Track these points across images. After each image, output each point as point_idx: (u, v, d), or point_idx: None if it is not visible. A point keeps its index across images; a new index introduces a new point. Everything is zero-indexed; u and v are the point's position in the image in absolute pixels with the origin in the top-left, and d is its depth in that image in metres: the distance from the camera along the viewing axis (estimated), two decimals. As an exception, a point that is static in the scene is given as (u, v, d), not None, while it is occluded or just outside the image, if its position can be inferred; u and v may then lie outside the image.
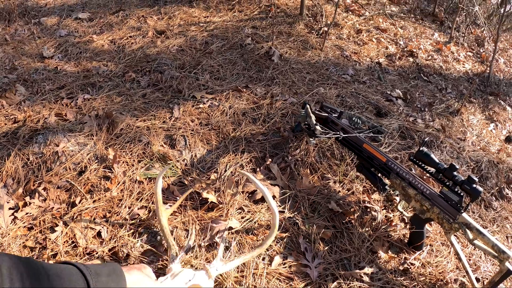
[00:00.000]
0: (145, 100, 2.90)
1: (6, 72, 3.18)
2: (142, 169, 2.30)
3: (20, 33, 3.99)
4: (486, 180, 2.81)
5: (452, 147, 2.96)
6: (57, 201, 2.10)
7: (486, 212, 2.58)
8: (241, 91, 3.09)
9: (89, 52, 3.63)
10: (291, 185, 2.34)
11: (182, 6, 4.68)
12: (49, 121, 2.57)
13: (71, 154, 2.34)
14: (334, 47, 4.19)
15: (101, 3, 4.82)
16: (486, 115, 3.87)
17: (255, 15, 4.49)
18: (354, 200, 2.32)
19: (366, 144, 2.24)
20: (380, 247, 2.07)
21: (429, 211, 1.99)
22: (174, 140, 2.52)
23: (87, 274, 0.78)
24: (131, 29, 4.11)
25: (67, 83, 3.07)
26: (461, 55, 5.02)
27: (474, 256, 2.20)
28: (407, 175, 2.07)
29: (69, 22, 4.28)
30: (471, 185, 1.83)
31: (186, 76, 3.24)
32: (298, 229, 2.09)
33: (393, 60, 4.28)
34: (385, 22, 5.17)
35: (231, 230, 2.00)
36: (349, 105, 3.17)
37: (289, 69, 3.55)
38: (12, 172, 2.22)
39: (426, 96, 3.77)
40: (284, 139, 2.64)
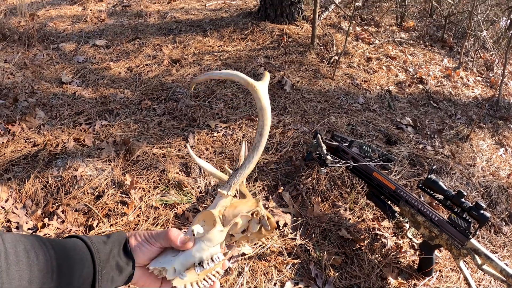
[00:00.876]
0: (161, 127, 2.98)
1: (25, 96, 3.29)
2: (158, 195, 2.37)
3: (39, 58, 4.12)
4: (496, 205, 2.82)
5: (462, 173, 2.99)
6: (75, 224, 2.16)
7: (496, 237, 2.59)
8: (254, 120, 3.16)
9: (106, 79, 3.74)
10: (303, 212, 2.39)
11: (196, 35, 4.81)
12: (68, 146, 2.66)
13: (89, 178, 2.41)
14: (345, 76, 4.26)
15: (118, 30, 4.96)
16: (495, 140, 3.89)
17: (267, 45, 4.60)
18: (364, 227, 2.36)
19: (375, 173, 2.29)
20: (390, 274, 2.10)
21: (438, 237, 2.02)
22: (189, 167, 2.59)
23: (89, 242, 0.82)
24: (147, 57, 4.23)
25: (85, 109, 3.17)
26: (470, 80, 5.05)
27: (484, 281, 2.21)
28: (416, 202, 2.11)
29: (86, 49, 4.42)
30: (479, 211, 1.87)
31: (200, 105, 3.33)
32: (309, 255, 2.13)
33: (402, 87, 4.34)
34: (394, 49, 5.25)
35: (244, 256, 2.05)
36: (360, 134, 3.22)
37: (301, 98, 3.63)
38: (32, 194, 2.30)
39: (436, 122, 3.81)
40: (296, 167, 2.70)
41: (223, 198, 0.95)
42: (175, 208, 2.30)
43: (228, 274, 1.95)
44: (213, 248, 0.89)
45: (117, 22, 5.30)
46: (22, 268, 0.67)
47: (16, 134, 2.76)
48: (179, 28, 5.06)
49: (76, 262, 0.77)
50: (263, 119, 0.96)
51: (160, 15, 5.60)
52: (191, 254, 0.88)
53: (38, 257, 0.71)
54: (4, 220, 2.13)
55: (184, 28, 5.06)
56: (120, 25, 5.17)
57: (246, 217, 0.95)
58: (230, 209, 0.96)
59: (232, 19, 5.32)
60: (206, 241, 0.89)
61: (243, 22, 5.14)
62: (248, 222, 0.97)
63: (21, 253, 0.69)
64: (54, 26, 5.04)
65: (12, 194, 2.30)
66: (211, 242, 0.89)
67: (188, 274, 0.86)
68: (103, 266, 0.81)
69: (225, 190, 0.96)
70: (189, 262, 0.88)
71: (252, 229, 0.97)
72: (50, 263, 0.72)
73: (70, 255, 0.77)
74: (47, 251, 0.73)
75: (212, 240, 0.89)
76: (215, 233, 0.90)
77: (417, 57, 5.24)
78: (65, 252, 0.77)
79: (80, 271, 0.77)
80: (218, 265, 0.90)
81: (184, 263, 0.87)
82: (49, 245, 0.75)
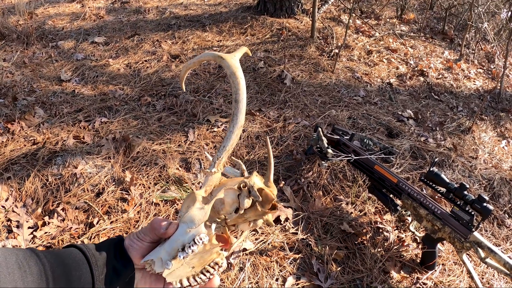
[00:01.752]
0: (160, 123, 2.97)
1: (25, 94, 3.28)
2: (158, 191, 2.36)
3: (38, 56, 4.11)
4: (499, 198, 2.81)
5: (464, 166, 2.97)
6: (75, 222, 2.15)
7: (499, 230, 2.57)
8: (254, 115, 3.15)
9: (106, 76, 3.72)
10: (304, 207, 2.38)
11: (195, 30, 4.79)
12: (67, 144, 2.65)
13: (89, 176, 2.40)
14: (345, 69, 4.24)
15: (117, 27, 4.94)
16: (497, 132, 3.86)
17: (267, 39, 4.58)
18: (366, 221, 2.35)
19: (377, 166, 2.28)
20: (393, 267, 2.09)
21: (440, 230, 2.01)
22: (190, 163, 2.58)
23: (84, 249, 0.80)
24: (146, 53, 4.21)
25: (84, 106, 3.15)
26: (471, 72, 5.03)
27: (487, 274, 2.20)
28: (418, 196, 2.10)
29: (85, 46, 4.40)
30: (482, 203, 1.85)
31: (200, 100, 3.31)
32: (311, 250, 2.12)
33: (403, 80, 4.32)
34: (395, 42, 5.22)
35: (245, 252, 2.04)
36: (361, 127, 3.21)
37: (301, 92, 3.61)
38: (32, 192, 2.29)
39: (437, 115, 3.79)
40: (297, 161, 2.68)
41: (209, 176, 0.88)
42: (176, 204, 2.29)
43: (229, 270, 1.94)
44: (196, 229, 0.80)
45: (116, 19, 5.28)
46: (16, 279, 0.66)
47: (15, 132, 2.75)
48: (178, 24, 5.04)
49: (72, 269, 0.75)
50: (235, 85, 0.90)
51: (159, 11, 5.58)
52: (175, 239, 0.80)
53: (31, 268, 0.69)
54: (5, 219, 2.12)
55: (183, 24, 5.04)
56: (118, 22, 5.14)
57: (233, 191, 0.85)
58: (219, 187, 0.88)
59: (231, 13, 5.30)
60: (189, 223, 0.80)
61: (242, 16, 5.12)
62: (238, 198, 0.86)
63: (13, 265, 0.67)
64: (53, 24, 5.02)
65: (12, 193, 2.29)
66: (193, 223, 0.80)
67: (173, 262, 0.78)
68: (101, 271, 0.78)
69: (210, 168, 0.88)
70: (173, 248, 0.79)
71: (243, 205, 0.85)
72: (45, 273, 0.70)
73: (65, 263, 0.75)
74: (40, 261, 0.71)
75: (194, 219, 0.81)
76: (194, 211, 0.81)
77: (417, 49, 5.21)
78: (60, 261, 0.75)
79: (77, 278, 0.75)
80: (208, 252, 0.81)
81: (170, 251, 0.79)
82: (42, 255, 0.73)
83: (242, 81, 0.90)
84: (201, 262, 0.81)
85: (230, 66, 0.90)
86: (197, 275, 0.81)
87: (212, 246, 0.81)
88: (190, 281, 0.80)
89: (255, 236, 2.14)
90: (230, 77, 0.90)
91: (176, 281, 0.80)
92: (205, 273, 0.81)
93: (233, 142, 0.90)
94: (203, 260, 0.81)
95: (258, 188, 0.86)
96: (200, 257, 0.81)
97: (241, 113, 0.90)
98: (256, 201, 0.85)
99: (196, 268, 0.81)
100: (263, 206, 0.86)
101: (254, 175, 0.89)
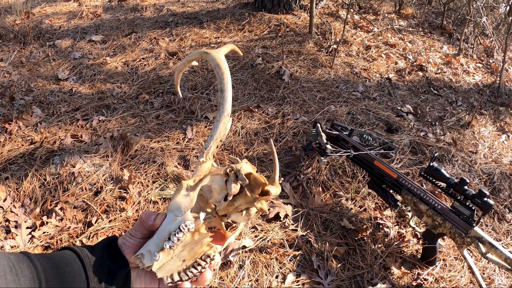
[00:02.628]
0: (158, 121, 2.96)
1: (22, 94, 3.27)
2: (157, 189, 2.35)
3: (35, 56, 4.09)
4: (499, 192, 2.80)
5: (464, 161, 2.96)
6: (74, 221, 2.15)
7: (500, 225, 2.56)
8: (252, 111, 3.13)
9: (103, 74, 3.71)
10: (304, 203, 2.37)
11: (193, 27, 4.77)
12: (65, 143, 2.64)
13: (87, 175, 2.39)
14: (344, 64, 4.23)
15: (114, 25, 4.92)
16: (497, 127, 3.85)
17: (265, 35, 4.56)
18: (366, 217, 2.34)
19: (377, 161, 2.26)
20: (393, 263, 2.08)
21: (441, 226, 2.00)
22: (188, 161, 2.57)
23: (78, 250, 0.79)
24: (144, 51, 4.19)
25: (82, 105, 3.14)
26: (470, 66, 5.01)
27: (488, 269, 2.19)
28: (418, 191, 2.08)
29: (83, 45, 4.38)
30: (482, 198, 1.84)
31: (198, 97, 3.30)
32: (311, 247, 2.11)
33: (402, 75, 4.30)
34: (393, 37, 5.20)
35: (245, 249, 2.03)
36: (360, 122, 3.19)
37: (300, 88, 3.60)
38: (30, 192, 2.28)
39: (437, 110, 3.78)
40: (296, 158, 2.67)
41: (199, 166, 0.85)
42: (175, 202, 2.27)
43: (229, 267, 1.93)
44: (182, 217, 0.77)
45: (113, 17, 5.26)
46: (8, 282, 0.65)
47: (13, 132, 2.74)
48: (176, 21, 5.02)
49: (65, 271, 0.74)
50: (219, 75, 0.88)
51: (156, 8, 5.56)
52: (162, 229, 0.78)
53: (23, 271, 0.68)
54: (3, 219, 2.11)
55: (181, 21, 5.02)
56: (116, 20, 5.13)
57: (220, 177, 0.83)
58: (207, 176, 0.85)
59: (228, 10, 5.28)
60: (175, 211, 0.77)
61: (240, 13, 5.10)
62: (226, 184, 0.85)
63: (5, 269, 0.66)
64: (50, 23, 5.00)
65: (10, 193, 2.28)
66: (179, 211, 0.77)
67: (161, 254, 0.75)
68: (95, 272, 0.77)
69: (199, 158, 0.86)
70: (161, 239, 0.77)
71: (231, 190, 0.81)
72: (37, 276, 0.69)
73: (58, 266, 0.74)
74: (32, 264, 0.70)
75: (180, 207, 0.78)
76: (180, 198, 0.78)
77: (416, 44, 5.20)
78: (52, 264, 0.74)
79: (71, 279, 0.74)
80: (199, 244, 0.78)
81: (158, 242, 0.77)
82: (35, 258, 0.72)
83: (226, 71, 0.89)
84: (191, 254, 0.78)
85: (214, 58, 0.90)
86: (188, 269, 0.78)
87: (201, 236, 0.78)
88: (181, 276, 0.77)
89: (254, 233, 2.13)
90: (215, 69, 0.90)
91: (166, 276, 0.77)
92: (196, 267, 0.78)
93: (220, 131, 0.87)
94: (194, 253, 0.78)
95: (246, 173, 0.84)
96: (190, 249, 0.78)
97: (226, 102, 0.87)
98: (244, 186, 0.82)
99: (187, 262, 0.78)
100: (252, 191, 0.82)
101: (243, 161, 0.87)
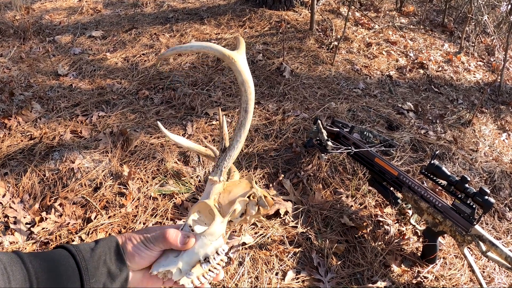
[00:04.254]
0: (158, 117, 2.95)
1: (22, 89, 3.26)
2: (156, 185, 2.34)
3: (35, 51, 4.08)
4: (499, 191, 2.79)
5: (465, 159, 2.96)
6: (73, 217, 2.14)
7: (500, 223, 2.56)
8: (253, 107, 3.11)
9: (103, 70, 3.70)
10: (304, 200, 2.36)
11: (193, 23, 4.75)
12: (64, 138, 2.63)
13: (87, 170, 2.38)
14: (345, 61, 4.21)
15: (114, 21, 4.91)
16: (498, 125, 3.85)
17: (265, 31, 4.54)
18: (367, 214, 2.33)
19: (377, 158, 2.26)
20: (393, 261, 2.08)
21: (441, 224, 2.00)
22: (188, 157, 2.56)
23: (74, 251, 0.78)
24: (144, 47, 4.18)
25: (81, 100, 3.13)
26: (471, 65, 5.01)
27: (488, 268, 2.19)
28: (419, 189, 2.08)
29: (83, 40, 4.37)
30: (483, 197, 1.84)
31: (198, 93, 3.29)
32: (311, 244, 2.10)
33: (403, 72, 4.29)
34: (394, 34, 5.19)
35: (245, 246, 2.02)
36: (361, 119, 3.18)
37: (300, 84, 3.58)
38: (29, 188, 2.27)
39: (437, 107, 3.77)
40: (296, 154, 2.66)
41: (215, 185, 0.90)
42: (174, 198, 2.27)
43: (229, 264, 1.93)
44: (217, 242, 0.86)
45: (113, 13, 5.24)
46: None
47: (12, 128, 2.72)
48: (176, 17, 5.00)
49: (59, 274, 0.72)
50: (246, 94, 0.88)
51: (156, 4, 5.54)
52: (195, 251, 0.84)
53: (15, 274, 0.67)
54: (2, 215, 2.11)
55: (181, 17, 5.01)
56: (116, 16, 5.11)
57: (244, 201, 0.90)
58: (225, 194, 0.91)
59: (229, 6, 5.26)
60: (208, 236, 0.85)
61: (240, 9, 5.08)
62: (246, 205, 0.91)
63: None
64: (50, 19, 4.98)
65: (9, 188, 2.27)
66: (213, 236, 0.85)
67: (194, 271, 0.83)
68: (92, 274, 0.76)
69: (216, 176, 0.90)
70: (193, 260, 0.84)
71: (251, 212, 0.92)
72: (29, 280, 0.68)
73: (52, 268, 0.72)
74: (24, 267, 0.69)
75: (214, 233, 0.85)
76: (216, 227, 0.85)
77: (417, 42, 5.18)
78: (46, 265, 0.72)
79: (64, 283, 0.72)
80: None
81: (189, 262, 0.84)
82: (28, 260, 0.70)
83: (253, 90, 0.88)
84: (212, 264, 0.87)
85: (243, 73, 0.87)
86: (206, 273, 0.85)
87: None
88: (200, 279, 0.84)
89: (254, 230, 2.12)
90: (242, 85, 0.87)
91: (188, 282, 0.83)
92: (213, 270, 0.86)
93: (238, 151, 0.91)
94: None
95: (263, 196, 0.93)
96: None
97: (248, 123, 0.89)
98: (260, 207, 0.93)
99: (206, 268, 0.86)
100: (265, 210, 0.93)
101: (253, 182, 0.93)
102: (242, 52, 0.89)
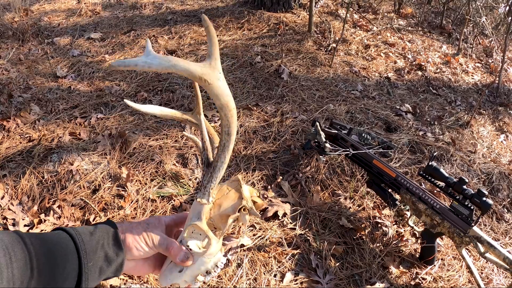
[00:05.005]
0: (157, 119, 2.95)
1: (20, 91, 3.25)
2: (155, 187, 2.34)
3: (33, 53, 4.08)
4: (498, 192, 2.80)
5: (463, 160, 2.96)
6: (72, 219, 2.14)
7: (498, 225, 2.57)
8: (251, 109, 3.12)
9: (102, 72, 3.70)
10: (302, 202, 2.37)
11: (192, 25, 4.75)
12: (63, 140, 2.63)
13: (85, 172, 2.38)
14: (343, 63, 4.22)
15: (113, 23, 4.91)
16: (496, 126, 3.86)
17: (264, 33, 4.55)
18: (365, 216, 2.33)
19: (375, 160, 2.26)
20: (391, 262, 2.08)
21: (439, 225, 2.00)
22: (186, 159, 2.56)
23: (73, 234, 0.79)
24: (143, 49, 4.18)
25: (80, 102, 3.13)
26: (469, 66, 5.02)
27: (486, 269, 2.19)
28: (417, 190, 2.08)
29: (81, 42, 4.37)
30: (481, 198, 1.84)
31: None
32: (309, 245, 2.11)
33: (402, 74, 4.30)
34: (393, 36, 5.20)
35: (243, 247, 2.02)
36: (359, 121, 3.19)
37: (299, 86, 3.59)
38: (27, 190, 2.28)
39: (436, 109, 3.78)
40: (295, 156, 2.67)
41: (205, 205, 0.93)
42: (173, 200, 2.27)
43: (227, 266, 1.93)
44: (215, 257, 0.94)
45: (112, 15, 5.25)
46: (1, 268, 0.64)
47: (11, 130, 2.72)
48: (175, 19, 5.00)
49: (58, 256, 0.74)
50: (227, 118, 0.82)
51: (155, 6, 5.55)
52: (196, 268, 0.92)
53: (16, 255, 0.68)
54: (1, 217, 2.11)
55: (180, 19, 5.01)
56: (115, 18, 5.11)
57: (235, 216, 0.94)
58: (215, 209, 0.94)
59: (228, 8, 5.27)
60: (207, 256, 0.92)
61: (239, 11, 5.08)
62: (238, 217, 0.95)
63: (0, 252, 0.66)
64: (49, 21, 4.98)
65: (8, 190, 2.27)
66: (211, 255, 0.92)
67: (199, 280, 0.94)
68: (90, 258, 0.78)
69: (204, 199, 0.92)
70: (196, 274, 0.92)
71: (246, 223, 0.97)
72: (30, 260, 0.69)
73: (51, 250, 0.74)
74: (26, 248, 0.70)
75: (212, 253, 0.92)
76: (213, 248, 0.92)
77: (415, 43, 5.19)
78: (46, 247, 0.74)
79: (63, 264, 0.74)
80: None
81: (192, 275, 0.92)
82: (29, 242, 0.72)
83: (234, 113, 0.83)
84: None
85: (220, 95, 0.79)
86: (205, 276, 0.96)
87: None
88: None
89: (252, 232, 2.13)
90: (221, 110, 0.81)
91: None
92: (211, 272, 0.95)
93: (223, 171, 0.92)
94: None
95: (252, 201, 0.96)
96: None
97: (231, 145, 0.89)
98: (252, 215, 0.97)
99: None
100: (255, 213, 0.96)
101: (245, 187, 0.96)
102: (216, 64, 0.78)
